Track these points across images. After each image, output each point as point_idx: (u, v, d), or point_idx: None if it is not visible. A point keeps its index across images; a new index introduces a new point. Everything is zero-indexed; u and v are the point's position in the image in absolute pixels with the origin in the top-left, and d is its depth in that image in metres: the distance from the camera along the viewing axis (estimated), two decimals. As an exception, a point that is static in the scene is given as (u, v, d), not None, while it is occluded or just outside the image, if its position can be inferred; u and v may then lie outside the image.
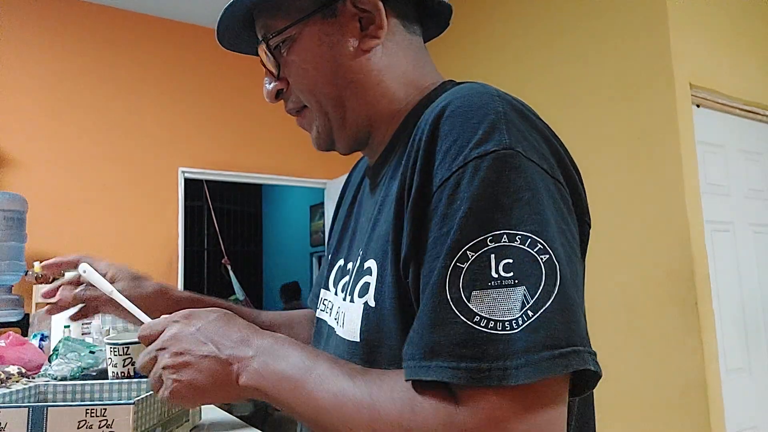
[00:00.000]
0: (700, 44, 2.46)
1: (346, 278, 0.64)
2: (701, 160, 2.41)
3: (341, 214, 0.80)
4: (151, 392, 0.75)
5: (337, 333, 0.62)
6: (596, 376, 0.43)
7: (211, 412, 0.99)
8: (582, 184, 0.53)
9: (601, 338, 2.51)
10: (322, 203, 4.69)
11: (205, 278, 6.97)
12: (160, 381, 0.54)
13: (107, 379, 0.91)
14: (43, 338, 1.77)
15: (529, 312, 0.41)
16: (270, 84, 0.65)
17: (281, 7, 0.61)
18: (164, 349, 0.54)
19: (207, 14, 3.88)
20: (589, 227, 0.53)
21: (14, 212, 2.80)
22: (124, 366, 0.83)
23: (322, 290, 0.74)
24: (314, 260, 6.39)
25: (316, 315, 0.74)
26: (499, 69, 3.24)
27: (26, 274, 2.96)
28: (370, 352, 0.54)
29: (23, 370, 1.41)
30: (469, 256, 0.43)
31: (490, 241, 0.43)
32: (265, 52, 0.63)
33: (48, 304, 0.77)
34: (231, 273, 5.77)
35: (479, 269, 0.42)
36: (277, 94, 0.65)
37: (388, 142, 0.64)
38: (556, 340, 0.40)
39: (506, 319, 0.40)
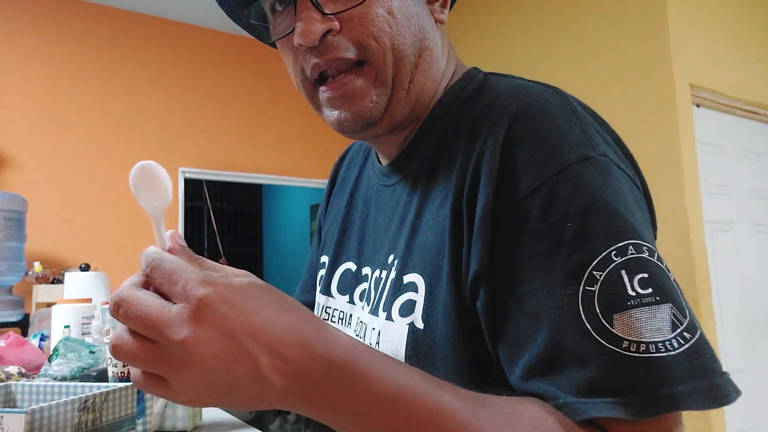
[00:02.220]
0: (700, 44, 2.46)
1: (364, 286, 0.58)
2: (701, 160, 2.41)
3: (336, 212, 0.71)
4: (71, 398, 0.69)
5: None
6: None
7: (211, 413, 0.99)
8: (648, 189, 0.49)
9: (602, 338, 2.51)
10: (322, 203, 4.69)
11: (205, 278, 6.96)
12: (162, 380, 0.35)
13: (107, 379, 0.90)
14: (43, 338, 1.77)
15: (685, 334, 0.36)
16: (314, 22, 0.49)
17: None
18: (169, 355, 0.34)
19: (207, 14, 3.87)
20: (655, 238, 0.47)
21: (14, 212, 2.80)
22: (124, 366, 0.83)
23: (322, 297, 0.65)
24: (314, 260, 6.39)
25: None
26: (495, 68, 3.23)
27: (26, 275, 2.96)
28: None
29: (23, 370, 1.41)
30: (597, 277, 0.38)
31: (615, 256, 0.38)
32: None
33: None
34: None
35: (613, 289, 0.37)
36: (324, 36, 0.50)
37: (414, 134, 0.57)
38: (718, 365, 0.37)
39: (658, 340, 0.36)
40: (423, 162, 0.55)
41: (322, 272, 0.67)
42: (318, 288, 0.68)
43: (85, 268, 3.03)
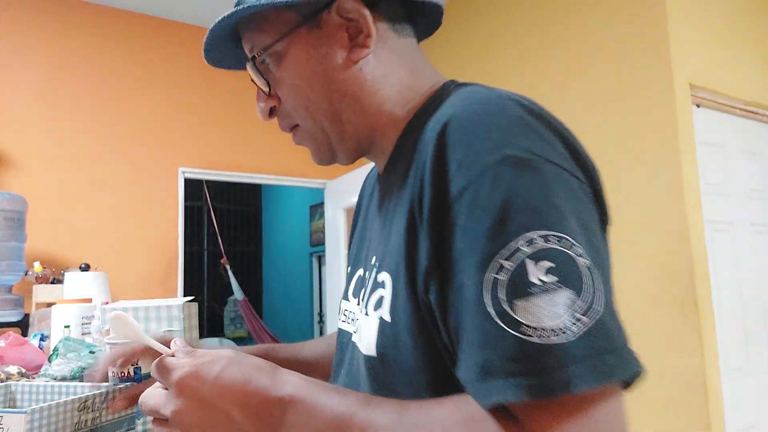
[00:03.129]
0: (700, 44, 2.46)
1: (364, 288, 0.63)
2: (701, 160, 2.41)
3: (359, 224, 0.78)
4: (71, 398, 0.72)
5: (356, 344, 0.61)
6: (639, 376, 0.42)
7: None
8: (601, 181, 0.51)
9: (601, 338, 2.50)
10: (322, 203, 4.69)
11: (205, 278, 6.97)
12: None
13: (107, 379, 0.91)
14: (43, 338, 1.77)
15: (581, 317, 0.39)
16: (262, 102, 0.64)
17: (267, 22, 0.59)
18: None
19: (207, 14, 3.88)
20: (607, 224, 0.51)
21: (14, 212, 2.80)
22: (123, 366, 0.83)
23: (343, 301, 0.72)
24: (314, 260, 6.39)
25: (338, 326, 0.72)
26: (496, 70, 3.24)
27: (26, 274, 2.96)
28: (386, 367, 0.53)
29: (23, 370, 1.41)
30: (505, 266, 0.41)
31: (523, 246, 0.41)
32: (254, 70, 0.62)
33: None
34: (230, 273, 5.77)
35: (518, 277, 0.40)
36: (271, 112, 0.64)
37: (392, 150, 0.62)
38: (616, 343, 0.40)
39: (557, 326, 0.39)
40: (397, 174, 0.59)
41: (347, 279, 0.75)
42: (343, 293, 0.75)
43: (85, 268, 3.03)
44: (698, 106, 2.47)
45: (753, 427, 2.40)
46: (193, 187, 5.51)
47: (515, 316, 0.39)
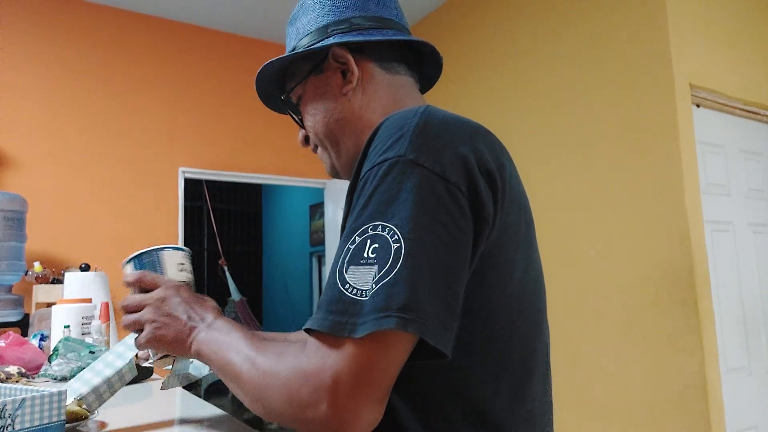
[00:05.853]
0: (700, 44, 2.46)
1: None
2: (701, 160, 2.42)
3: None
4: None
5: None
6: (433, 339, 0.52)
7: (211, 412, 0.99)
8: (491, 186, 0.60)
9: (601, 338, 2.50)
10: (322, 203, 4.69)
11: (205, 278, 6.97)
12: (140, 326, 0.74)
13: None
14: (43, 338, 1.77)
15: (374, 285, 0.52)
16: (300, 131, 0.84)
17: (290, 75, 0.82)
18: (155, 306, 0.73)
19: (207, 14, 3.88)
20: (487, 223, 0.59)
21: (14, 212, 2.80)
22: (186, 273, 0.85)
23: None
24: (314, 260, 6.39)
25: None
26: (498, 71, 3.24)
27: (26, 274, 2.96)
28: None
29: (23, 370, 1.41)
30: (356, 240, 0.55)
31: (371, 230, 0.55)
32: (287, 105, 0.84)
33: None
34: (227, 274, 5.76)
35: (358, 250, 0.55)
36: (306, 140, 0.84)
37: None
38: (379, 306, 0.51)
39: (364, 288, 0.53)
40: None
41: None
42: None
43: (85, 268, 3.03)
44: (698, 106, 2.47)
45: (753, 427, 2.40)
46: (193, 187, 5.51)
47: (345, 276, 0.54)
